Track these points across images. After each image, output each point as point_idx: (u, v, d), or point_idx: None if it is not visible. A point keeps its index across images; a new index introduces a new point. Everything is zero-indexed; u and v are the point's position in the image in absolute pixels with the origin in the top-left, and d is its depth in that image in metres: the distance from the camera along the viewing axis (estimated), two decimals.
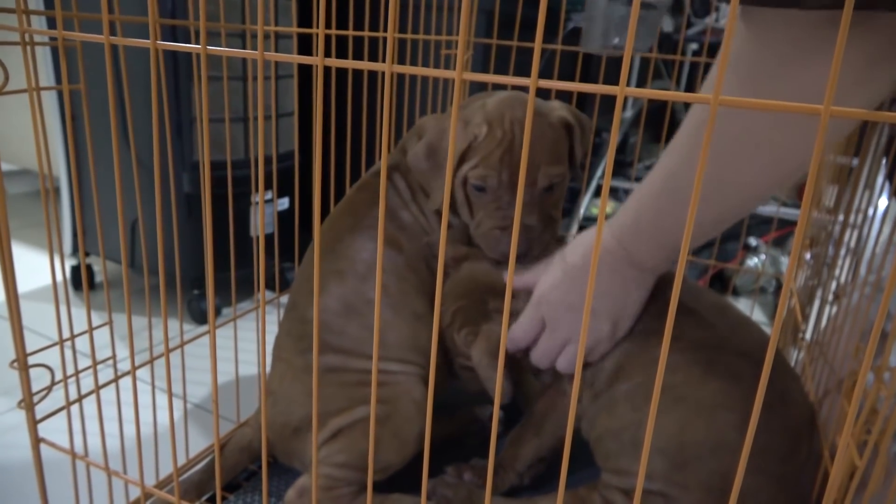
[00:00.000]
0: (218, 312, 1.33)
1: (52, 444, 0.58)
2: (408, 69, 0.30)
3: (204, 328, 1.27)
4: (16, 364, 0.55)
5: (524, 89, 0.73)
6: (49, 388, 0.58)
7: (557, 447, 0.67)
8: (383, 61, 0.30)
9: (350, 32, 0.81)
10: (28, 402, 0.56)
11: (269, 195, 1.28)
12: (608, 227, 0.57)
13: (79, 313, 0.61)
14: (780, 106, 0.25)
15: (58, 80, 1.26)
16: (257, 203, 1.26)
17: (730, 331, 0.59)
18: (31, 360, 0.55)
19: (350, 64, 0.33)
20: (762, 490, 0.52)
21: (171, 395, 0.48)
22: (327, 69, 1.22)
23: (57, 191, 1.65)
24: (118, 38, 0.40)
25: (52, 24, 1.20)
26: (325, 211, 1.23)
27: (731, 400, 0.53)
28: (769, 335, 0.60)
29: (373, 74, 1.29)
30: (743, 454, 0.28)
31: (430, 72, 0.31)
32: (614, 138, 0.28)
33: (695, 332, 0.57)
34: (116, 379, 0.65)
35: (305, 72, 1.39)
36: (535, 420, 0.67)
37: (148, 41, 0.37)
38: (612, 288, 0.57)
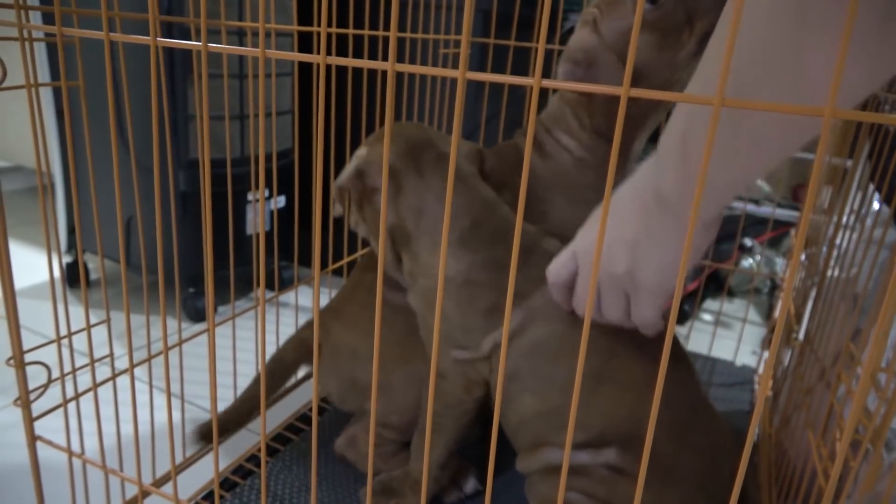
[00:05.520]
0: (214, 311, 1.32)
1: (49, 442, 0.58)
2: (410, 68, 0.30)
3: (201, 326, 1.27)
4: (12, 361, 0.55)
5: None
6: (46, 386, 0.57)
7: (462, 436, 0.66)
8: (383, 59, 0.30)
9: (350, 31, 0.81)
10: (24, 400, 0.56)
11: (266, 193, 1.28)
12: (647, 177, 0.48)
13: (76, 311, 0.61)
14: (782, 108, 0.25)
15: (53, 76, 1.26)
16: (255, 201, 1.26)
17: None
18: (28, 357, 0.55)
19: (352, 62, 0.33)
20: (690, 461, 0.54)
21: (169, 392, 0.48)
22: (327, 67, 1.22)
23: (51, 187, 1.64)
24: (118, 35, 0.40)
25: (48, 19, 1.20)
26: (323, 209, 1.23)
27: (652, 380, 0.56)
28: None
29: (372, 72, 1.28)
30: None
31: (434, 70, 0.31)
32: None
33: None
34: (114, 377, 0.65)
35: (303, 69, 1.39)
36: (432, 426, 0.65)
37: (148, 38, 0.37)
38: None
